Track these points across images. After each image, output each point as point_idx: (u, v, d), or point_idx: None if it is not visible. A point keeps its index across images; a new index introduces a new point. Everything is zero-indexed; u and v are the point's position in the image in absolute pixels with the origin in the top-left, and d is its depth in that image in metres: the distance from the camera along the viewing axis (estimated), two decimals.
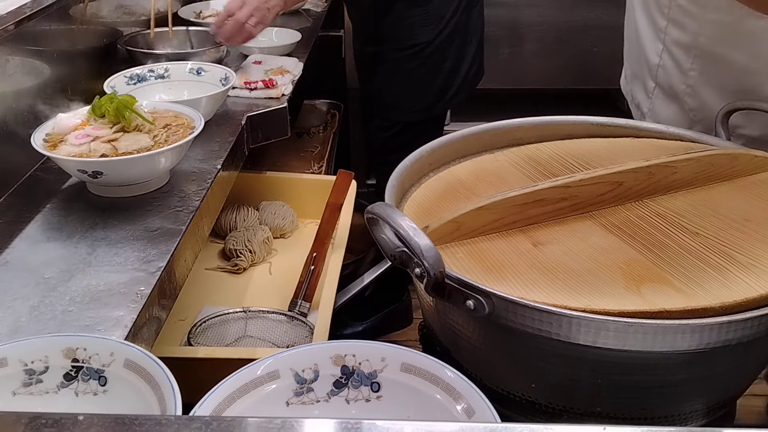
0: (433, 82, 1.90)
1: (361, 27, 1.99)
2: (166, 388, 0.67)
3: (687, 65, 1.20)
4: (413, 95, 1.92)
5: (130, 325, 0.86)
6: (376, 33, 1.91)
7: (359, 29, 2.01)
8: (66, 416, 0.54)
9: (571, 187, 0.90)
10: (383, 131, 1.98)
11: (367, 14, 1.94)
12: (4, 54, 1.19)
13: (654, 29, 1.24)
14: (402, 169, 0.98)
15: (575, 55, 2.72)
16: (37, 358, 0.74)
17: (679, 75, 1.22)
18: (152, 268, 0.97)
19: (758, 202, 0.94)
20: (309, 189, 1.70)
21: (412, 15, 1.84)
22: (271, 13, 1.61)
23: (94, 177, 1.09)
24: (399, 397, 0.75)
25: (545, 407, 0.82)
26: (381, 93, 1.97)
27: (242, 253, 1.51)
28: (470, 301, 0.75)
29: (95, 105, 1.17)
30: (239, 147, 1.39)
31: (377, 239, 0.81)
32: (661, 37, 1.22)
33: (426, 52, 1.86)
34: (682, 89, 1.22)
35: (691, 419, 0.83)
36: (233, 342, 1.29)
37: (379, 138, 2.00)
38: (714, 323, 0.72)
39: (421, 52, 1.86)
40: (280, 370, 0.74)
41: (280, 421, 0.53)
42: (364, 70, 2.03)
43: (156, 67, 1.49)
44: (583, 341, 0.73)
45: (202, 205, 1.13)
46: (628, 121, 1.13)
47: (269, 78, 1.59)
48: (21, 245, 1.02)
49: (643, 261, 0.82)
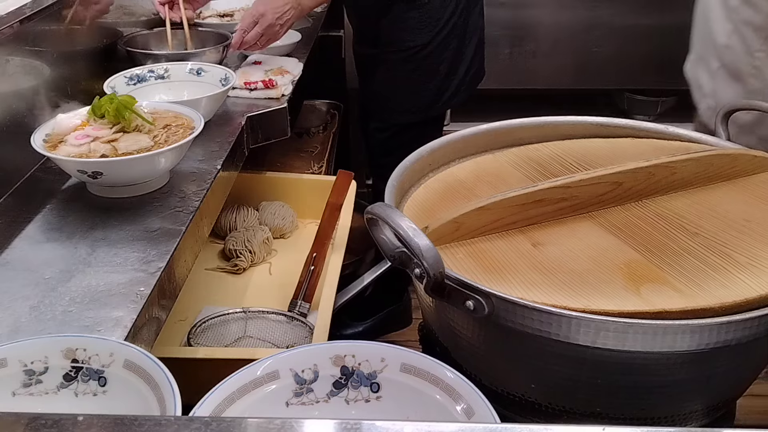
0: (429, 84, 1.90)
1: (360, 29, 2.00)
2: (165, 389, 0.67)
3: (756, 46, 1.22)
4: (409, 97, 1.92)
5: (130, 326, 0.86)
6: (373, 35, 1.91)
7: (358, 31, 2.02)
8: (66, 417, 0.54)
9: (571, 188, 0.90)
10: (381, 132, 1.99)
11: (365, 16, 1.94)
12: (4, 54, 1.19)
13: (725, 9, 1.26)
14: (402, 169, 0.98)
15: (575, 55, 2.72)
16: (36, 359, 0.74)
17: (746, 56, 1.24)
18: (152, 269, 0.97)
19: (758, 202, 0.94)
20: (309, 189, 1.70)
21: (410, 17, 1.84)
22: (283, 29, 1.67)
23: (94, 177, 1.09)
24: (399, 398, 0.75)
25: (545, 407, 0.82)
26: (378, 94, 1.98)
27: (242, 254, 1.51)
28: (470, 302, 0.75)
29: (95, 105, 1.17)
30: (239, 147, 1.39)
31: (377, 240, 0.81)
32: (732, 17, 1.24)
33: (422, 54, 1.87)
34: (747, 70, 1.24)
35: (690, 419, 0.83)
36: (233, 342, 1.29)
37: (377, 139, 2.01)
38: (713, 323, 0.72)
39: (418, 54, 1.87)
40: (279, 370, 0.74)
41: (279, 422, 0.53)
42: (362, 71, 2.03)
43: (156, 68, 1.49)
44: (583, 341, 0.73)
45: (202, 205, 1.13)
46: (628, 122, 1.13)
47: (269, 78, 1.59)
48: (21, 245, 1.02)
49: (642, 261, 0.82)
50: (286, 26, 1.67)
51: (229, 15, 2.04)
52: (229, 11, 2.06)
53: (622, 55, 2.67)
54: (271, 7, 1.64)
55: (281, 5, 1.64)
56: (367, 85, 2.02)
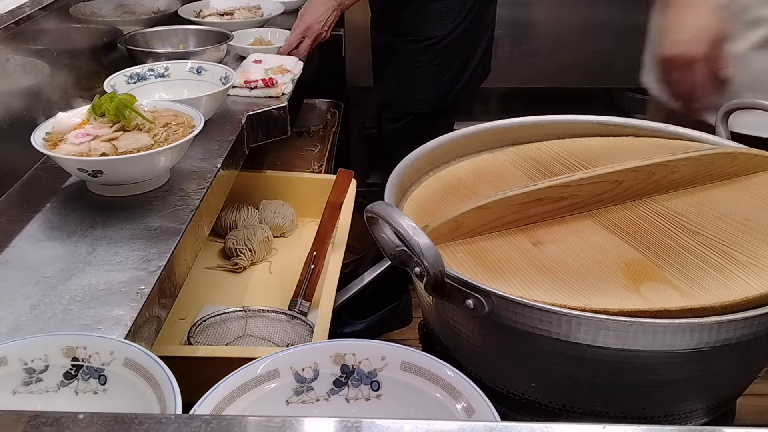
0: (444, 75, 1.94)
1: (380, 17, 2.02)
2: (166, 387, 0.67)
3: None
4: (423, 87, 1.95)
5: (130, 324, 0.86)
6: (393, 24, 1.95)
7: (378, 20, 2.04)
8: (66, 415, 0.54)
9: (571, 186, 0.90)
10: (393, 122, 2.02)
11: (386, 5, 1.97)
12: (4, 53, 1.19)
13: None
14: (402, 168, 0.98)
15: (576, 54, 2.72)
16: (37, 357, 0.74)
17: None
18: (152, 267, 0.97)
19: (758, 201, 0.94)
20: (309, 188, 1.70)
21: (431, 8, 1.88)
22: (329, 31, 1.80)
23: (94, 176, 1.09)
24: (399, 396, 0.75)
25: (545, 406, 0.82)
26: (393, 84, 2.00)
27: (242, 252, 1.51)
28: (470, 300, 0.75)
29: (95, 104, 1.17)
30: (239, 146, 1.39)
31: (377, 238, 0.81)
32: None
33: (441, 45, 1.90)
34: None
35: (690, 418, 0.83)
36: (233, 341, 1.29)
37: (390, 129, 2.03)
38: (713, 322, 0.72)
39: (436, 45, 1.90)
40: (279, 369, 0.74)
41: (279, 420, 0.53)
42: (378, 60, 2.06)
43: (156, 66, 1.49)
44: (583, 340, 0.73)
45: (202, 204, 1.13)
46: (628, 120, 1.13)
47: (269, 77, 1.59)
48: (21, 244, 1.02)
49: (642, 260, 0.83)
50: (331, 27, 1.78)
51: (229, 14, 2.04)
52: (230, 10, 2.06)
53: (622, 54, 2.66)
54: (315, 17, 1.72)
55: (324, 11, 1.73)
56: (382, 74, 2.05)
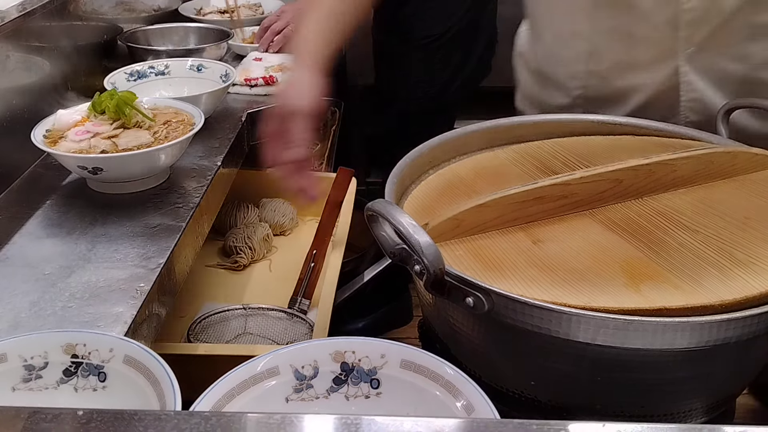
0: (441, 74, 1.94)
1: (380, 16, 2.03)
2: (165, 385, 0.67)
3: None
4: (423, 85, 1.96)
5: (130, 322, 0.86)
6: (392, 23, 1.95)
7: (378, 18, 2.05)
8: (65, 411, 0.54)
9: (571, 185, 0.90)
10: (394, 120, 2.02)
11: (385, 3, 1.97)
12: (4, 50, 1.18)
13: None
14: (402, 166, 0.97)
15: None
16: (36, 354, 0.74)
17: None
18: (152, 265, 0.97)
19: (758, 200, 0.94)
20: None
21: (429, 7, 1.87)
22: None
23: (94, 173, 1.09)
24: (398, 394, 0.75)
25: (544, 404, 0.82)
26: (392, 81, 2.01)
27: (242, 250, 1.51)
28: (470, 299, 0.75)
29: (95, 101, 1.17)
30: (239, 144, 1.39)
31: (377, 236, 0.81)
32: None
33: (438, 44, 1.90)
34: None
35: (690, 417, 0.83)
36: (233, 339, 1.29)
37: (390, 127, 2.04)
38: (713, 321, 0.72)
39: (433, 43, 1.90)
40: (279, 366, 0.74)
41: (279, 417, 0.53)
42: (378, 58, 2.07)
43: (156, 64, 1.49)
44: (583, 339, 0.73)
45: (202, 201, 1.13)
46: (629, 119, 1.13)
47: (270, 75, 1.59)
48: (21, 241, 1.02)
49: (642, 259, 0.82)
50: None
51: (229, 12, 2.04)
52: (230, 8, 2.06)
53: None
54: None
55: None
56: (382, 72, 2.06)
